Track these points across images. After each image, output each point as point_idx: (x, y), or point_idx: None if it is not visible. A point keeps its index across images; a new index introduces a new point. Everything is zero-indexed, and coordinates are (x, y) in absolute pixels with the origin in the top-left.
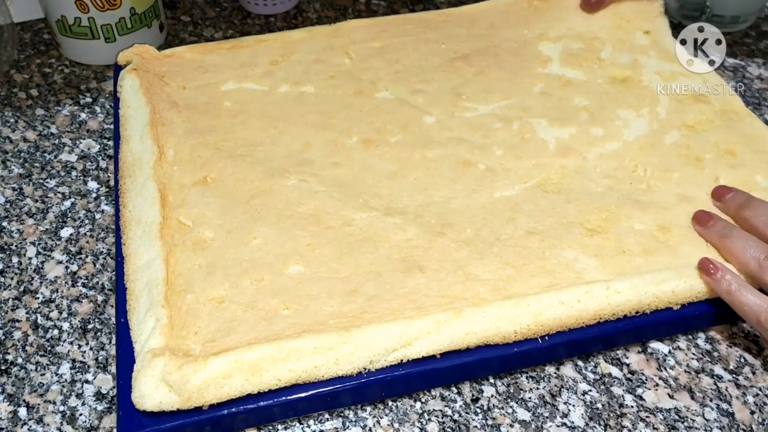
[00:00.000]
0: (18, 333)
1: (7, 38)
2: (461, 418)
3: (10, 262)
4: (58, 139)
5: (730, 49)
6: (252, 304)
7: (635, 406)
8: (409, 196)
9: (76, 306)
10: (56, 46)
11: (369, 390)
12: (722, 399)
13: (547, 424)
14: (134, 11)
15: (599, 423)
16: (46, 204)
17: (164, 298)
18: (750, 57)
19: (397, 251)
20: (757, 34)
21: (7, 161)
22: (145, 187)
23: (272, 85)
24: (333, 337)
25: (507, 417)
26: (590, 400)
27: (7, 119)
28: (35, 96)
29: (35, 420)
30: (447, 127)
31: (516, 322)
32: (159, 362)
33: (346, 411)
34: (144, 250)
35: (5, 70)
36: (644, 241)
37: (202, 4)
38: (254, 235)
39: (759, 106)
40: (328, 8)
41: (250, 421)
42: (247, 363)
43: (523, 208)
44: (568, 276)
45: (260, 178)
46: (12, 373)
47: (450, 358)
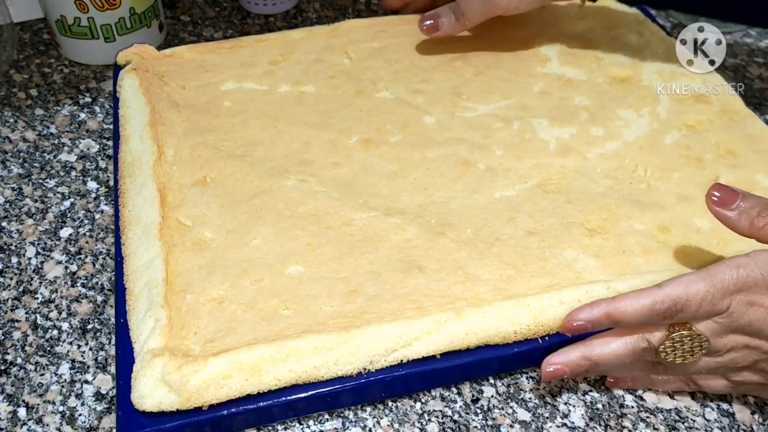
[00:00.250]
0: (17, 333)
1: (7, 38)
2: (461, 418)
3: (9, 263)
4: (57, 139)
5: (730, 49)
6: (252, 304)
7: (636, 407)
8: (409, 196)
9: (76, 306)
10: (56, 46)
11: (368, 390)
12: (723, 399)
13: (548, 424)
14: (134, 11)
15: (599, 423)
16: (46, 204)
17: (164, 299)
18: (750, 57)
19: (397, 251)
20: (757, 34)
21: (6, 161)
22: (144, 186)
23: (272, 84)
24: (333, 338)
25: (507, 417)
26: (590, 400)
27: (6, 119)
28: (35, 96)
29: (35, 420)
30: (447, 126)
31: (516, 323)
32: (158, 362)
33: (346, 411)
34: (143, 250)
35: (5, 70)
36: (644, 241)
37: (202, 4)
38: (254, 235)
39: (759, 106)
40: (328, 8)
41: (249, 422)
42: (246, 363)
43: (523, 208)
44: (568, 276)
45: (260, 178)
46: (11, 374)
47: (449, 359)
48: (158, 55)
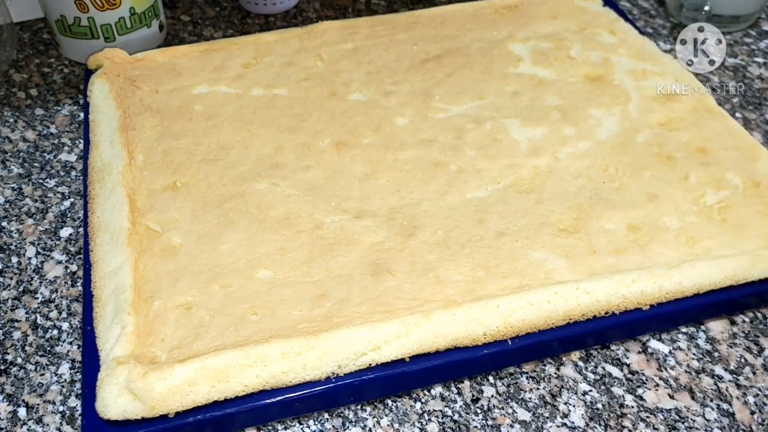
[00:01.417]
0: (17, 333)
1: (7, 38)
2: (461, 418)
3: (9, 262)
4: (57, 139)
5: (730, 49)
6: (220, 310)
7: (635, 407)
8: (380, 199)
9: (76, 306)
10: (56, 45)
11: (337, 394)
12: (723, 399)
13: (548, 424)
14: (134, 11)
15: (599, 423)
16: (46, 204)
17: (131, 305)
18: (750, 57)
19: (368, 254)
20: (757, 33)
21: (6, 161)
22: (113, 192)
23: (245, 88)
24: (300, 342)
25: (507, 417)
26: (590, 400)
27: (6, 119)
28: (34, 96)
29: (35, 420)
30: (419, 128)
31: (485, 324)
32: (123, 370)
33: (346, 411)
34: (111, 257)
35: (5, 69)
36: (615, 240)
37: (202, 4)
38: (224, 240)
39: (759, 106)
40: (328, 8)
41: (217, 428)
42: (213, 369)
43: (494, 209)
44: (538, 277)
45: (232, 183)
46: (11, 373)
47: (419, 361)
48: (130, 59)
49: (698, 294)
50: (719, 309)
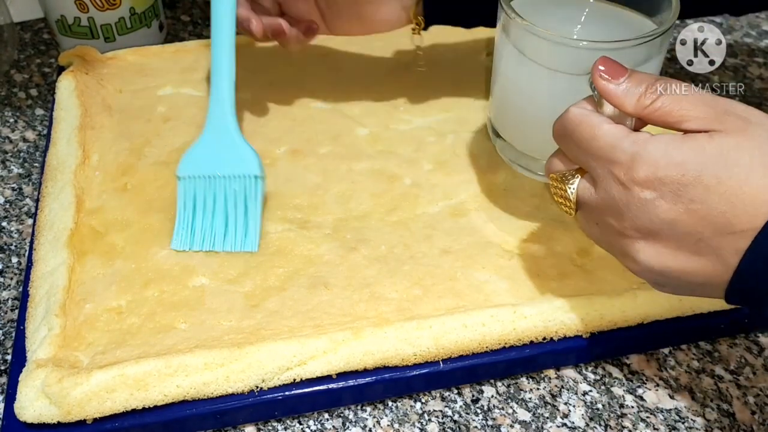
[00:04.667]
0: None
1: (7, 38)
2: (461, 418)
3: (9, 262)
4: None
5: (730, 49)
6: (150, 317)
7: (636, 407)
8: (328, 210)
9: None
10: (56, 45)
11: (261, 408)
12: (723, 399)
13: (548, 424)
14: (134, 11)
15: (599, 423)
16: None
17: (60, 307)
18: (750, 57)
19: (307, 266)
20: (757, 34)
21: (6, 161)
22: (63, 191)
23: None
24: (224, 354)
25: (507, 417)
26: (590, 400)
27: (6, 119)
28: (35, 96)
29: None
30: (379, 139)
31: (416, 345)
32: (41, 373)
33: (346, 411)
34: (51, 257)
35: (5, 69)
36: (561, 264)
37: (202, 4)
38: (164, 244)
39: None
40: None
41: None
42: (132, 377)
43: (442, 226)
44: (476, 298)
45: None
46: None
47: (345, 378)
48: (101, 58)
49: (642, 324)
50: (667, 340)
